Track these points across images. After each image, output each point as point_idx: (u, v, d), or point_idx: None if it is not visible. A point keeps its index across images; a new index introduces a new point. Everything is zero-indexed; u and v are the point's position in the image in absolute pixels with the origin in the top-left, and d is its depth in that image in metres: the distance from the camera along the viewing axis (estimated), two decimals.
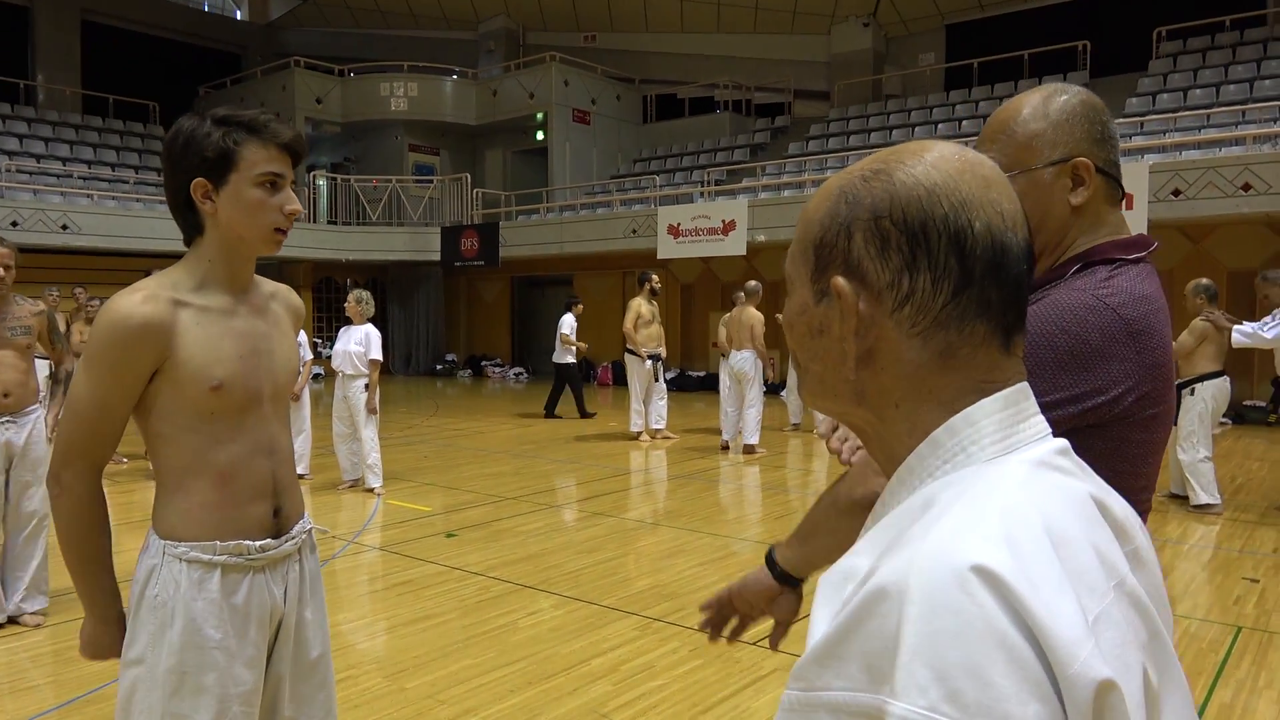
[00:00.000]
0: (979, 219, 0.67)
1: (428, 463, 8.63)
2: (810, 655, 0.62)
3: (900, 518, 0.66)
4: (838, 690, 0.60)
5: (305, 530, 1.77)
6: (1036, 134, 1.25)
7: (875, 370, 0.70)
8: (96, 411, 1.58)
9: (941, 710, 0.54)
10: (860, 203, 0.70)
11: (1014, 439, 0.68)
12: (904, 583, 0.58)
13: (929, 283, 0.67)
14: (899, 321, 0.68)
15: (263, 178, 1.60)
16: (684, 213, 14.88)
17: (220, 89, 22.06)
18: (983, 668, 0.55)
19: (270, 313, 1.76)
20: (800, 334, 0.75)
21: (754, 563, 5.13)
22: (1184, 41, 15.31)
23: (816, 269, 0.72)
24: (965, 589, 0.56)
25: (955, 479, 0.66)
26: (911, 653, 0.55)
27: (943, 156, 0.70)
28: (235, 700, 1.60)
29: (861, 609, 0.59)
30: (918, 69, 18.68)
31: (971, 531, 0.59)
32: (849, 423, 0.77)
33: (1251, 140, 10.96)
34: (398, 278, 20.09)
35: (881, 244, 0.68)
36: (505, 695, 3.35)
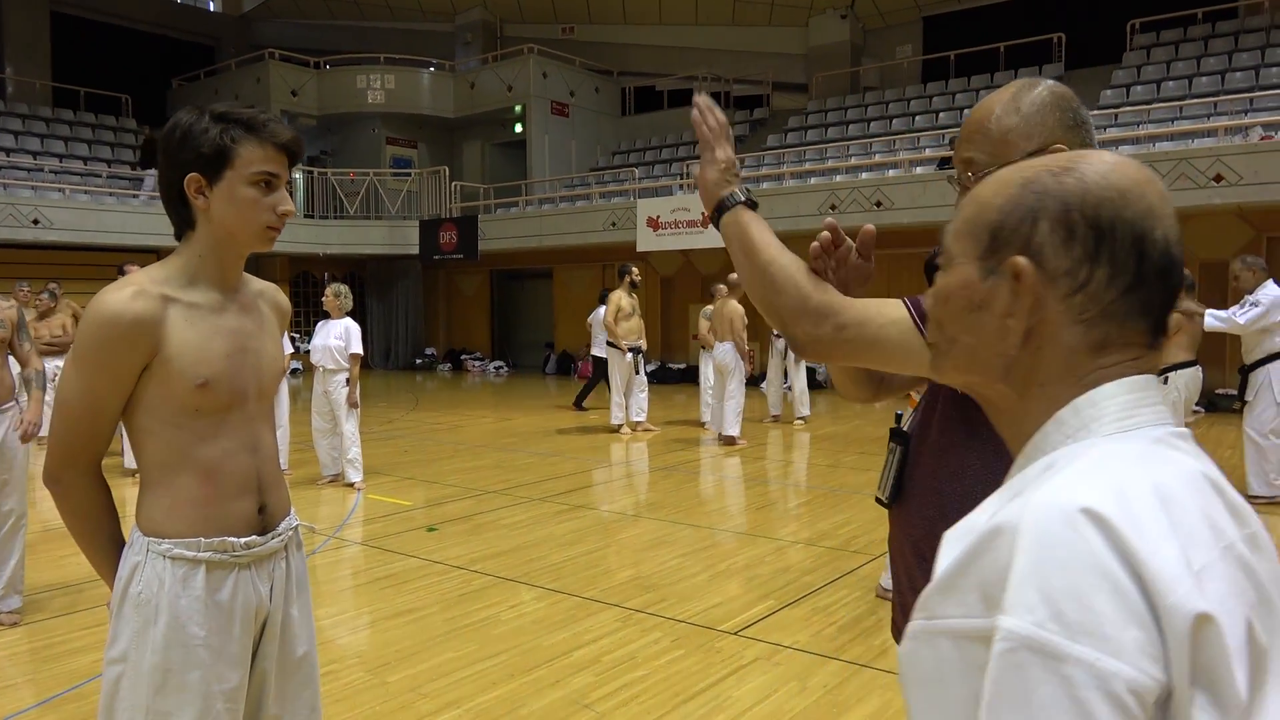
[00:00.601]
0: (1160, 228, 0.73)
1: (408, 457, 8.61)
2: (933, 587, 0.69)
3: (1020, 481, 0.72)
4: (956, 618, 0.66)
5: (291, 527, 1.77)
6: (1011, 128, 1.29)
7: (1031, 349, 0.74)
8: (89, 410, 1.57)
9: (1047, 627, 0.60)
10: (1050, 194, 0.74)
11: (1134, 420, 0.72)
12: (1017, 521, 0.64)
13: (1106, 277, 0.72)
14: (1069, 307, 0.73)
15: (258, 177, 1.60)
16: (663, 205, 14.88)
17: (194, 81, 21.79)
18: (1086, 593, 0.60)
19: (258, 311, 1.75)
20: (957, 307, 0.79)
21: (734, 553, 5.15)
22: (1157, 34, 15.46)
23: (989, 249, 0.76)
24: (1074, 527, 0.62)
25: (1077, 449, 0.71)
26: (1021, 578, 0.62)
27: (1129, 165, 0.76)
28: (219, 698, 1.60)
29: (978, 544, 0.66)
30: (895, 61, 18.76)
31: (1083, 482, 0.65)
32: (980, 394, 0.81)
33: (1223, 132, 11.10)
34: (376, 272, 19.97)
35: (1067, 234, 0.72)
36: (488, 688, 3.36)
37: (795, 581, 4.65)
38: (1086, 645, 0.59)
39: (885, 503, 1.42)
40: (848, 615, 4.11)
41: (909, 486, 1.37)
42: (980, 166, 1.30)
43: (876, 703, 3.19)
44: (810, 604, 4.29)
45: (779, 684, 3.38)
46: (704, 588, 4.56)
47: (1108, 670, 0.59)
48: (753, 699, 3.25)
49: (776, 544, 5.43)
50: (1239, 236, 11.47)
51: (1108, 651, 0.59)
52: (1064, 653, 0.59)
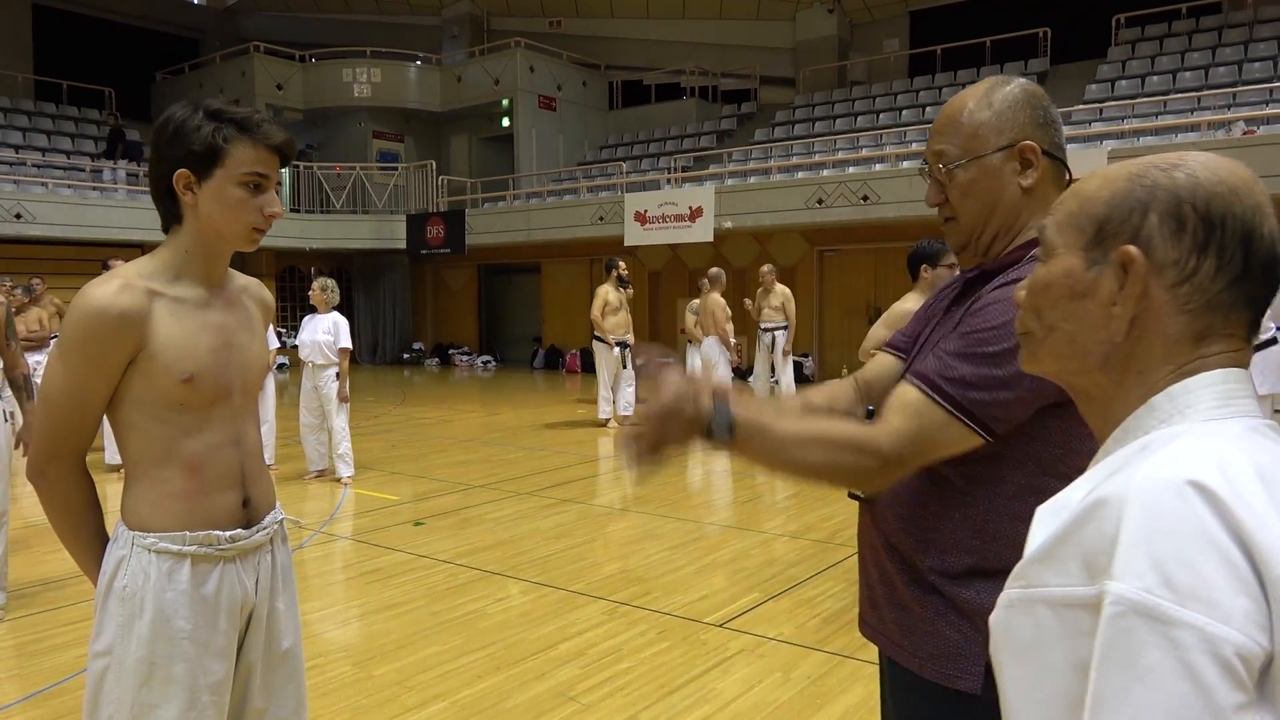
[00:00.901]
0: (1268, 225, 0.75)
1: (395, 452, 8.60)
2: (1031, 557, 0.71)
3: (1116, 460, 0.73)
4: (1055, 586, 0.68)
5: (277, 521, 1.77)
6: (983, 123, 1.32)
7: (1134, 337, 0.76)
8: (75, 405, 1.57)
9: (1156, 592, 0.61)
10: (1162, 187, 0.76)
11: (1229, 409, 0.74)
12: (1123, 493, 0.66)
13: (1213, 268, 0.74)
14: (1175, 297, 0.74)
15: (247, 178, 1.60)
16: (651, 200, 14.89)
17: (178, 75, 21.63)
18: (1195, 561, 0.61)
19: (242, 306, 1.76)
20: (1058, 295, 0.80)
21: (721, 546, 5.17)
22: (1142, 29, 15.54)
23: (1094, 240, 0.79)
24: (1182, 498, 0.64)
25: (1173, 431, 0.73)
26: (1130, 545, 0.63)
27: (1238, 165, 0.78)
28: (205, 690, 1.61)
29: (1081, 515, 0.68)
30: (882, 55, 18.80)
31: (1187, 458, 0.67)
32: (1071, 383, 0.83)
33: (1206, 126, 11.18)
34: (363, 266, 19.90)
35: (1178, 226, 0.75)
36: (474, 680, 3.38)
37: (780, 574, 4.68)
38: (1196, 610, 0.60)
39: (861, 497, 1.43)
40: (832, 607, 4.14)
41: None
42: (951, 159, 1.33)
43: (860, 693, 3.22)
44: (795, 596, 4.32)
45: (763, 675, 3.41)
46: (690, 580, 4.58)
47: (1217, 635, 0.60)
48: (737, 690, 3.28)
49: (762, 537, 5.46)
50: None
51: (1217, 617, 0.60)
52: (1173, 617, 0.60)
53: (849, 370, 15.12)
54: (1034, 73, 15.89)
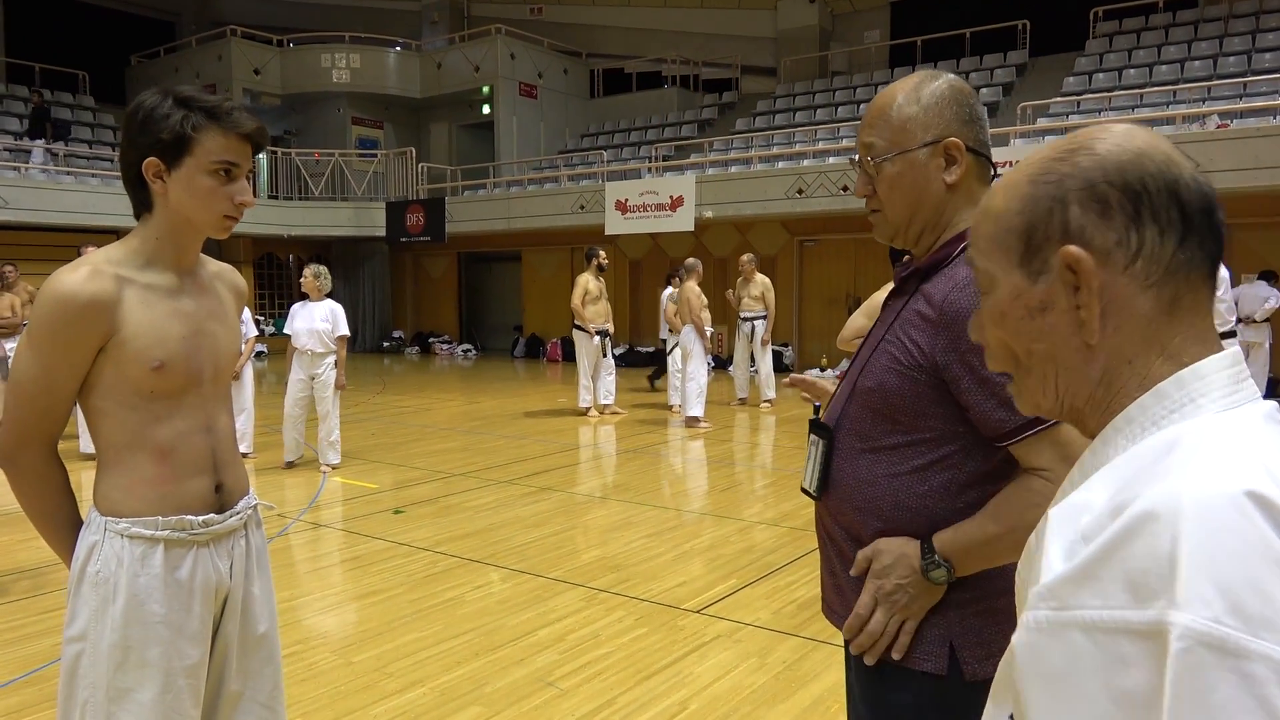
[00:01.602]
0: (1184, 171, 0.72)
1: (375, 440, 8.58)
2: (1064, 576, 0.64)
3: (1136, 458, 0.68)
4: (1094, 609, 0.61)
5: (250, 506, 1.78)
6: (910, 118, 1.35)
7: (1110, 331, 0.72)
8: (44, 391, 1.57)
9: (1225, 622, 0.56)
10: (1068, 176, 0.73)
11: (1238, 395, 0.70)
12: (1176, 507, 0.60)
13: (1156, 234, 0.70)
14: (1132, 276, 0.71)
15: (217, 165, 1.59)
16: (632, 188, 14.88)
17: (153, 59, 21.34)
18: (1265, 583, 0.57)
19: (214, 293, 1.75)
20: (1016, 319, 0.76)
21: (699, 534, 5.19)
22: (1119, 22, 15.67)
23: (1026, 253, 0.75)
24: (1242, 512, 0.59)
25: (1196, 425, 0.68)
26: (1193, 569, 0.57)
27: (1133, 128, 0.75)
28: (180, 674, 1.61)
29: (1126, 531, 0.61)
30: (863, 46, 18.85)
31: (1235, 464, 0.62)
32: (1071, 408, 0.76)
33: (1181, 120, 11.30)
34: (342, 254, 19.76)
35: (1102, 207, 0.71)
36: (453, 666, 3.40)
37: (758, 561, 4.72)
38: (1270, 640, 0.55)
39: (813, 494, 1.45)
40: (808, 593, 4.19)
41: (835, 477, 1.41)
42: (880, 151, 1.36)
43: (835, 678, 3.27)
44: (771, 583, 4.37)
45: (739, 660, 3.45)
46: (668, 568, 4.62)
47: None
48: (713, 675, 3.31)
49: (740, 524, 5.50)
50: None
51: None
52: (1246, 649, 0.55)
53: (828, 360, 15.21)
54: (1013, 64, 16.01)
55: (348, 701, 3.12)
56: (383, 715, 3.02)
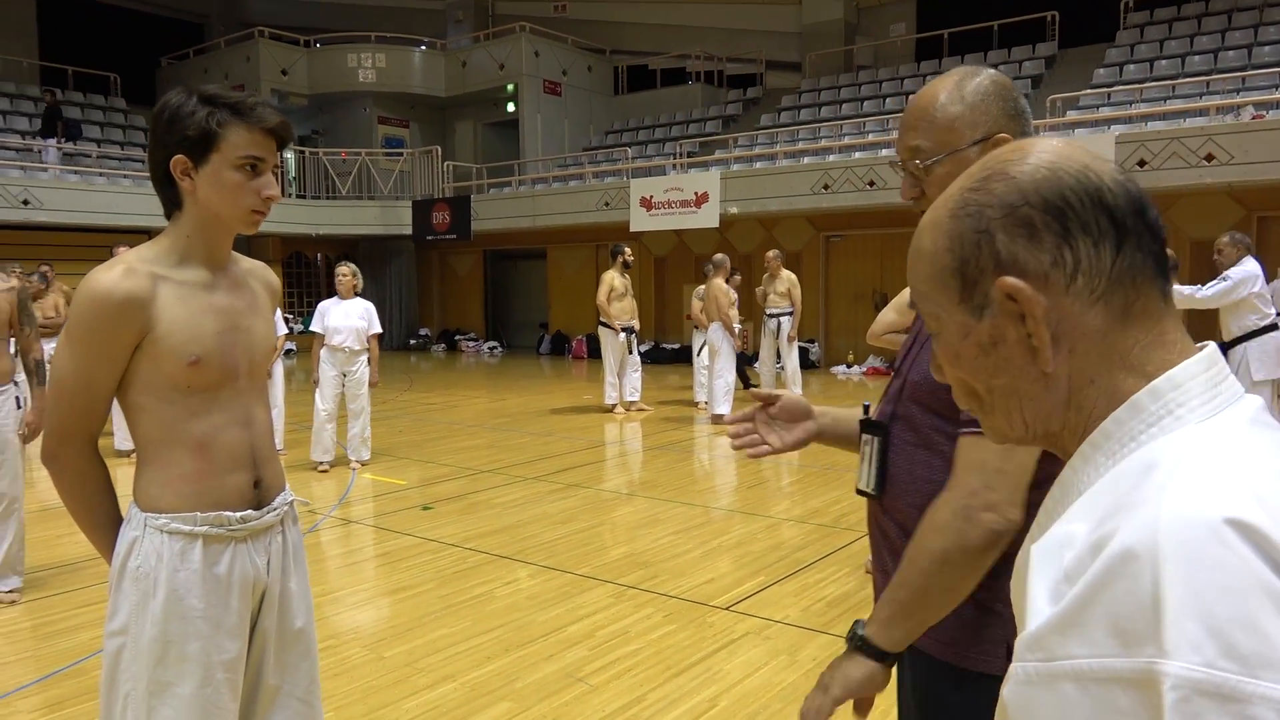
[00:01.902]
0: (1106, 175, 0.69)
1: (403, 437, 8.64)
2: (1048, 624, 0.61)
3: (1115, 483, 0.65)
4: (1083, 659, 0.58)
5: (287, 502, 1.80)
6: (957, 116, 1.31)
7: (1065, 354, 0.70)
8: (84, 389, 1.59)
9: (1219, 665, 0.53)
10: (987, 205, 0.71)
11: (1219, 399, 0.67)
12: (1153, 542, 0.57)
13: (1090, 246, 0.68)
14: (1076, 294, 0.68)
15: (243, 161, 1.61)
16: (656, 185, 14.87)
17: (183, 60, 21.60)
18: (1256, 619, 0.53)
19: (248, 289, 1.78)
20: (970, 358, 0.74)
21: (727, 530, 5.17)
22: (1151, 12, 15.43)
23: (964, 289, 0.72)
24: (1223, 542, 0.55)
25: (1173, 440, 0.65)
26: (1178, 610, 0.54)
27: (1043, 140, 0.74)
28: (220, 668, 1.64)
29: (1106, 573, 0.58)
30: (889, 40, 18.71)
31: (1214, 487, 0.58)
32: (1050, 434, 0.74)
33: (1214, 111, 11.12)
34: (369, 252, 19.90)
35: (1028, 231, 0.69)
36: (483, 662, 3.42)
37: (786, 558, 4.71)
38: (1269, 679, 0.52)
39: (871, 494, 1.42)
40: (837, 591, 4.17)
41: (892, 475, 1.39)
42: (927, 154, 1.32)
43: None
44: (800, 580, 4.35)
45: (769, 657, 3.44)
46: (696, 564, 4.62)
47: None
48: (743, 672, 3.31)
49: (768, 521, 5.49)
50: (1229, 216, 11.51)
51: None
52: (1245, 692, 0.52)
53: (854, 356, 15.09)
54: (1041, 56, 15.81)
55: (380, 696, 3.15)
56: (414, 710, 3.05)
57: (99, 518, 1.68)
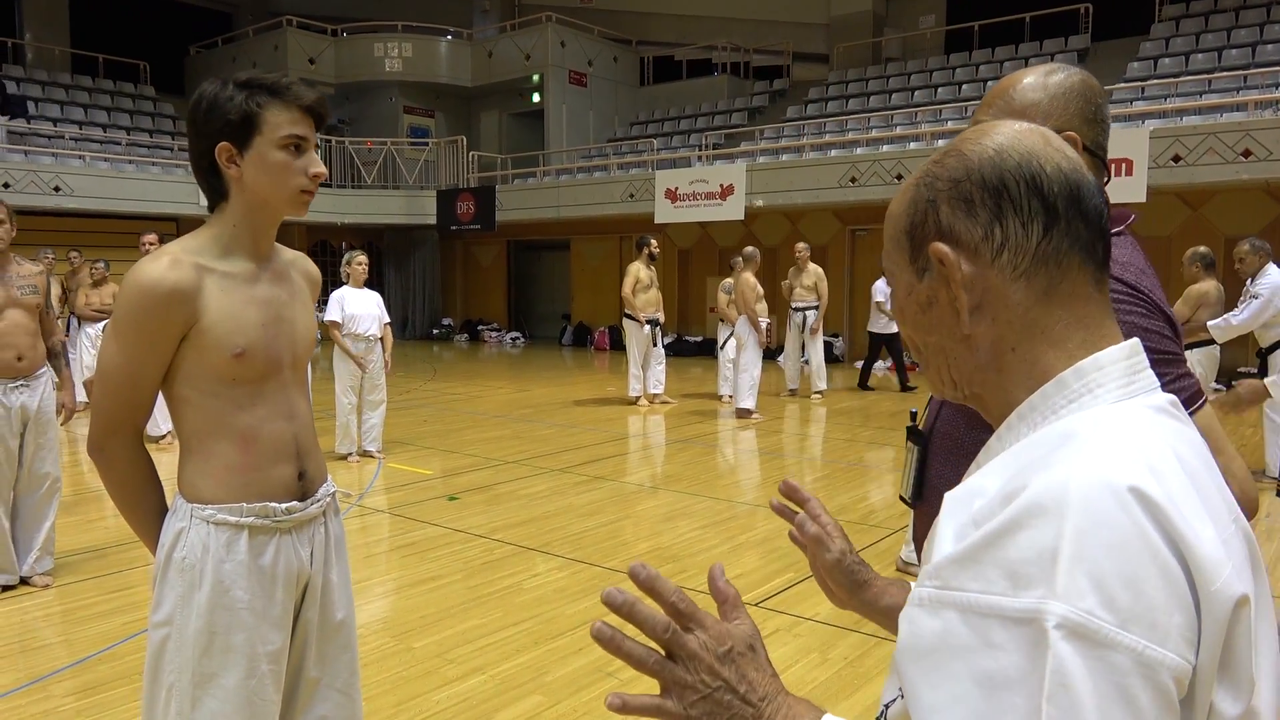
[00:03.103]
0: (1048, 163, 0.75)
1: (427, 427, 8.67)
2: (950, 557, 0.66)
3: (1034, 446, 0.70)
4: (973, 592, 0.63)
5: (329, 493, 1.79)
6: (1033, 103, 1.30)
7: (988, 321, 0.76)
8: (129, 379, 1.59)
9: (1098, 614, 0.59)
10: (938, 178, 0.78)
11: (1134, 386, 0.73)
12: (1062, 498, 0.62)
13: (1019, 225, 0.74)
14: (1000, 268, 0.74)
15: (287, 140, 1.61)
16: (682, 177, 14.80)
17: (211, 49, 21.76)
18: (1138, 579, 0.60)
19: (290, 280, 1.77)
20: (912, 314, 0.81)
21: (752, 526, 5.14)
22: (1187, 5, 15.17)
23: (913, 251, 0.80)
24: (1124, 508, 0.61)
25: (1090, 416, 0.70)
26: (1072, 561, 0.60)
27: (1004, 124, 0.79)
28: (264, 659, 1.63)
29: (1012, 521, 0.63)
30: (918, 32, 18.50)
31: (1122, 458, 0.64)
32: (975, 396, 0.81)
33: (1253, 106, 10.91)
34: (393, 242, 20.00)
35: (966, 205, 0.76)
36: (512, 654, 3.41)
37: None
38: (1136, 633, 0.59)
39: (909, 502, 1.43)
40: None
41: (931, 484, 1.38)
42: None
43: None
44: None
45: (800, 655, 3.41)
46: (723, 559, 4.59)
47: (1154, 659, 0.59)
48: None
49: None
50: (1266, 213, 11.32)
51: (1155, 640, 0.59)
52: (1113, 640, 0.59)
53: None
54: (1074, 50, 15.59)
55: (410, 687, 3.15)
56: (445, 701, 3.05)
57: (144, 508, 1.68)
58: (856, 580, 1.05)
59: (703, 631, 0.78)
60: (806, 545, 1.05)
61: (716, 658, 0.77)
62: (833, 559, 1.04)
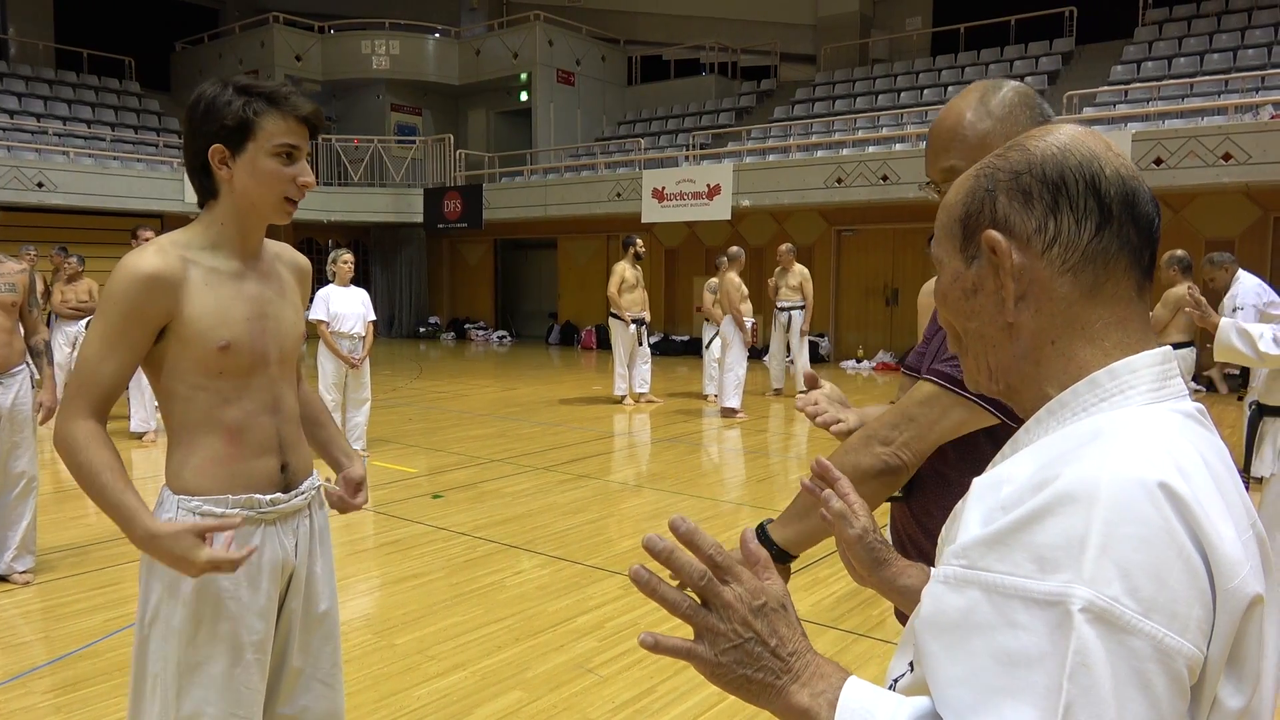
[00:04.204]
0: (1108, 166, 0.77)
1: (412, 425, 8.67)
2: (978, 539, 0.68)
3: (1064, 440, 0.73)
4: (998, 573, 0.66)
5: (314, 486, 1.82)
6: (988, 132, 1.31)
7: (1032, 312, 0.78)
8: (106, 364, 1.60)
9: (1123, 601, 0.62)
10: (1000, 170, 0.80)
11: (1164, 391, 0.75)
12: (1094, 489, 0.65)
13: (1072, 222, 0.76)
14: (1050, 261, 0.77)
15: (279, 148, 1.64)
16: (669, 176, 14.84)
17: (197, 45, 21.62)
18: (1162, 571, 0.62)
19: (277, 276, 1.80)
20: (955, 299, 0.83)
21: (736, 524, 5.17)
22: (1170, 9, 15.31)
23: (964, 239, 0.82)
24: (1153, 502, 0.64)
25: (1121, 415, 0.73)
26: (1100, 549, 0.63)
27: (1067, 126, 0.82)
28: (249, 649, 1.66)
29: (1043, 508, 0.66)
30: (904, 33, 18.59)
31: (1152, 456, 0.67)
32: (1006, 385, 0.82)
33: (1233, 110, 11.03)
34: (380, 239, 19.94)
35: (1025, 197, 0.78)
36: (493, 651, 3.43)
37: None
38: (1157, 621, 0.62)
39: (899, 497, 1.44)
40: (845, 586, 4.17)
41: (922, 477, 1.40)
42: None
43: (875, 671, 3.25)
44: (810, 575, 4.35)
45: None
46: None
47: (1172, 647, 0.62)
48: None
49: (777, 515, 5.48)
50: (1246, 216, 11.44)
51: (1174, 629, 0.62)
52: (1134, 626, 0.61)
53: (864, 351, 15.03)
54: (1058, 52, 15.71)
55: (390, 683, 3.16)
56: (425, 698, 3.06)
57: (111, 489, 1.62)
58: (877, 558, 1.10)
59: (738, 585, 0.80)
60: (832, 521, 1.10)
61: (751, 610, 0.79)
62: (854, 534, 1.08)
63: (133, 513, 1.59)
